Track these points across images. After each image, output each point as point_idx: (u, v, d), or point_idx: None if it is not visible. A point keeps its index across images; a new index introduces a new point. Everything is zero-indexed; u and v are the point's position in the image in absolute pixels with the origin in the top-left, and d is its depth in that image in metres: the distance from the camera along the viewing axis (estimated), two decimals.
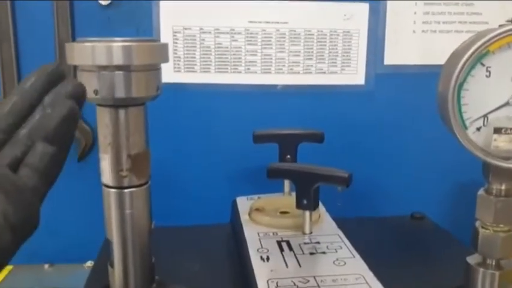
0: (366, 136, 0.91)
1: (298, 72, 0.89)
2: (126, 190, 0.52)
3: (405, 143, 0.91)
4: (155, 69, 0.51)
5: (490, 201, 0.52)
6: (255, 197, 0.79)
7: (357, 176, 0.88)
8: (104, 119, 0.51)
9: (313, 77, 0.89)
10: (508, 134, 0.48)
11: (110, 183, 0.52)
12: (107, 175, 0.52)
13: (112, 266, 0.55)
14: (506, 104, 0.48)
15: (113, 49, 0.47)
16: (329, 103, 0.90)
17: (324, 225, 0.69)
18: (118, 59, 0.47)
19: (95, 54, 0.47)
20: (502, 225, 0.52)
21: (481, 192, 0.53)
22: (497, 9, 0.89)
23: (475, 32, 0.49)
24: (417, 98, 0.88)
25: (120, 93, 0.49)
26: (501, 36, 0.47)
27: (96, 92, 0.48)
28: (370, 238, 0.75)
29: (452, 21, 0.90)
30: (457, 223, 0.72)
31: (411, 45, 0.90)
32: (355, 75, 0.90)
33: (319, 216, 0.71)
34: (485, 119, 0.49)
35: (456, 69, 0.47)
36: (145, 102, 0.52)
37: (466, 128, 0.49)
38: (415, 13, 0.89)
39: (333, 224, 0.69)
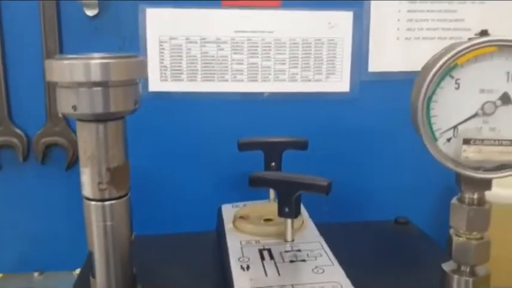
0: (351, 142, 0.93)
1: (284, 80, 0.90)
2: (106, 202, 0.54)
3: (390, 149, 0.92)
4: (133, 84, 0.52)
5: (463, 209, 0.53)
6: (241, 204, 0.80)
7: (343, 181, 0.90)
8: (83, 133, 0.52)
9: (298, 84, 0.90)
10: (477, 144, 0.49)
11: (90, 196, 0.54)
12: (87, 188, 0.54)
13: (94, 276, 0.56)
14: (475, 115, 0.49)
15: (90, 66, 0.49)
16: (315, 110, 0.92)
17: (307, 232, 0.70)
18: (96, 76, 0.49)
19: (73, 71, 0.49)
20: (475, 233, 0.53)
21: (454, 201, 0.54)
22: (479, 16, 0.90)
23: (459, 38, 0.50)
24: (401, 104, 0.87)
25: (98, 108, 0.50)
26: (469, 49, 0.48)
27: (74, 107, 0.50)
28: (353, 243, 0.76)
29: (435, 28, 0.91)
30: (441, 228, 0.73)
31: (395, 52, 0.91)
32: (340, 82, 0.91)
33: (303, 223, 0.72)
34: (455, 130, 0.50)
35: (425, 82, 0.49)
36: (124, 116, 0.53)
37: (435, 139, 0.50)
38: (398, 20, 0.90)
39: (315, 231, 0.70)
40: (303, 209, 0.75)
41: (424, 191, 0.93)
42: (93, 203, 0.54)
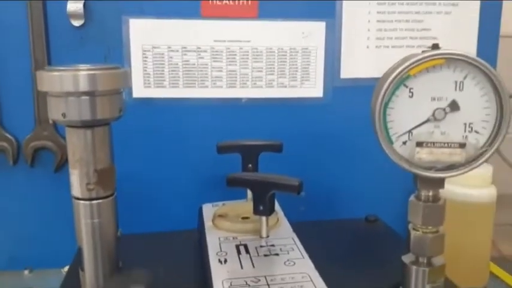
0: (324, 145, 0.98)
1: (261, 87, 0.95)
2: (93, 201, 0.58)
3: (361, 151, 0.97)
4: (118, 93, 0.57)
5: (419, 206, 0.58)
6: (220, 203, 0.84)
7: (317, 182, 0.95)
8: (72, 138, 0.57)
9: (275, 90, 0.95)
10: (429, 147, 0.54)
11: (79, 196, 0.58)
12: (76, 188, 0.58)
13: (83, 269, 0.60)
14: (427, 121, 0.55)
15: (79, 77, 0.53)
16: (290, 114, 0.96)
17: (281, 229, 0.75)
18: (84, 86, 0.53)
19: (62, 81, 0.53)
20: (430, 227, 0.58)
21: (411, 198, 0.59)
22: (444, 25, 0.96)
23: (425, 47, 0.55)
24: None
25: (86, 116, 0.55)
26: (420, 62, 0.53)
27: (64, 115, 0.54)
28: (324, 240, 0.81)
29: (403, 37, 0.96)
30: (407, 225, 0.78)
31: (366, 60, 0.96)
32: (313, 88, 0.96)
33: (278, 221, 0.77)
34: (410, 134, 0.55)
35: (382, 90, 0.54)
36: (109, 123, 0.58)
37: (392, 142, 0.55)
38: (368, 30, 0.95)
39: (289, 228, 0.75)
40: (277, 208, 0.80)
41: (393, 190, 0.97)
42: (81, 202, 0.58)
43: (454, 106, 0.54)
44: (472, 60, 0.53)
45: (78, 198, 0.58)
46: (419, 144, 0.54)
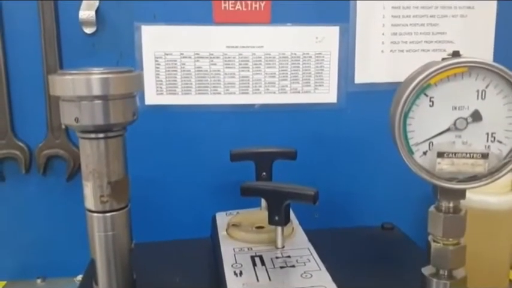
0: (339, 152, 0.96)
1: (274, 92, 0.94)
2: (107, 214, 0.57)
3: (376, 158, 0.96)
4: (131, 97, 0.56)
5: (439, 217, 0.57)
6: (234, 212, 0.83)
7: (332, 189, 0.94)
8: (85, 149, 0.56)
9: (288, 96, 0.94)
10: (450, 157, 0.53)
11: (93, 208, 0.57)
12: (89, 201, 0.57)
13: (97, 283, 0.59)
14: (448, 130, 0.53)
15: (92, 81, 0.52)
16: (304, 121, 0.95)
17: (296, 239, 0.74)
18: (97, 90, 0.52)
19: (75, 86, 0.52)
20: (451, 239, 0.57)
21: (431, 209, 0.58)
22: (459, 29, 0.94)
23: (441, 50, 0.53)
24: (386, 114, 0.92)
25: (99, 120, 0.54)
26: (441, 70, 0.52)
27: (77, 119, 0.53)
28: (340, 248, 0.80)
29: (418, 41, 0.95)
30: (425, 233, 0.76)
31: (380, 65, 0.95)
32: (327, 94, 0.95)
33: (293, 230, 0.76)
34: (430, 144, 0.54)
35: (402, 100, 0.53)
36: (123, 134, 0.57)
37: (412, 152, 0.54)
38: (383, 34, 0.94)
39: (304, 238, 0.74)
40: (292, 217, 0.79)
41: (410, 197, 0.96)
42: (95, 214, 0.57)
43: (476, 116, 0.53)
44: (495, 68, 0.51)
45: (91, 211, 0.57)
46: (440, 154, 0.53)
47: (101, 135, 0.55)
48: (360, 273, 0.72)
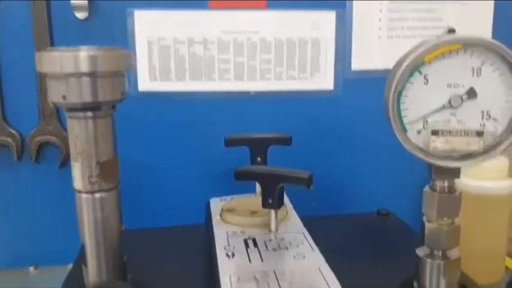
0: (335, 138, 0.96)
1: (270, 79, 0.93)
2: (96, 195, 0.56)
3: (372, 144, 0.95)
4: (120, 75, 0.55)
5: (434, 197, 0.55)
6: (228, 198, 0.83)
7: (328, 176, 0.93)
8: (73, 129, 0.55)
9: (284, 83, 0.93)
10: (445, 135, 0.52)
11: (81, 189, 0.56)
12: (78, 181, 0.56)
13: (86, 265, 0.59)
14: (442, 108, 0.52)
15: (79, 58, 0.51)
16: (300, 107, 0.95)
17: (290, 223, 0.73)
18: (85, 67, 0.51)
19: (63, 62, 0.51)
20: (445, 219, 0.56)
21: (426, 189, 0.57)
22: (456, 15, 0.93)
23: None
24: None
25: (87, 97, 0.53)
26: (435, 47, 0.51)
27: (64, 97, 0.52)
28: (335, 234, 0.79)
29: (415, 27, 0.94)
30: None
31: (377, 51, 0.94)
32: (324, 80, 0.94)
33: (287, 214, 0.75)
34: (425, 122, 0.53)
35: (395, 77, 0.52)
36: (112, 114, 0.56)
37: (405, 131, 0.53)
38: (380, 20, 0.93)
39: (299, 222, 0.73)
40: (287, 201, 0.78)
41: (406, 184, 0.95)
42: (84, 195, 0.56)
43: (471, 93, 0.52)
44: (490, 44, 0.50)
45: (80, 192, 0.56)
46: (434, 132, 0.52)
47: (89, 114, 0.54)
48: (354, 256, 0.71)
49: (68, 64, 0.51)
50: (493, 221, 0.85)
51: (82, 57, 0.51)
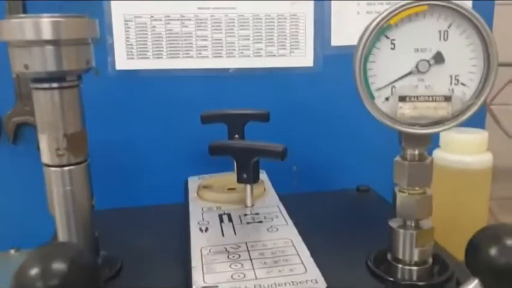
0: (315, 115, 0.95)
1: (249, 56, 0.92)
2: (64, 168, 0.56)
3: (352, 120, 0.94)
4: (85, 44, 0.54)
5: (405, 166, 0.55)
6: (207, 176, 0.82)
7: (308, 153, 0.93)
8: (39, 100, 0.54)
9: (263, 60, 0.92)
10: (412, 101, 0.52)
11: (49, 162, 0.56)
12: (45, 154, 0.56)
13: (56, 240, 0.58)
14: (410, 73, 0.52)
15: (41, 24, 0.50)
16: (280, 85, 0.94)
17: (267, 199, 0.73)
18: (47, 34, 0.50)
19: (24, 29, 0.50)
20: (417, 188, 0.56)
21: (397, 158, 0.57)
22: None
23: None
24: None
25: (51, 66, 0.52)
26: (401, 9, 0.51)
27: (26, 66, 0.51)
28: (312, 210, 0.79)
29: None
30: None
31: (356, 26, 0.92)
32: (303, 57, 0.93)
33: (264, 190, 0.75)
34: (393, 88, 0.52)
35: (361, 42, 0.51)
36: (79, 85, 0.55)
37: (373, 98, 0.52)
38: None
39: (275, 197, 0.73)
40: (265, 178, 0.78)
41: (386, 161, 0.95)
42: (52, 168, 0.56)
43: (438, 58, 0.51)
44: (456, 6, 0.50)
45: (48, 165, 0.56)
46: (402, 98, 0.52)
47: (55, 85, 0.53)
48: (330, 229, 0.71)
49: (29, 31, 0.50)
50: (474, 195, 0.85)
51: (44, 23, 0.50)
